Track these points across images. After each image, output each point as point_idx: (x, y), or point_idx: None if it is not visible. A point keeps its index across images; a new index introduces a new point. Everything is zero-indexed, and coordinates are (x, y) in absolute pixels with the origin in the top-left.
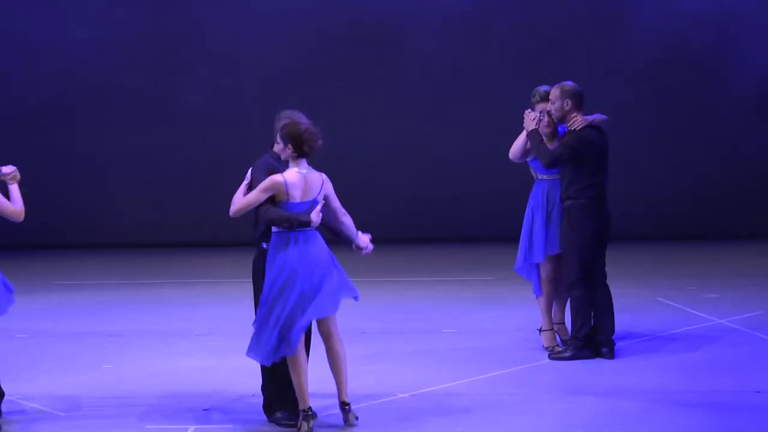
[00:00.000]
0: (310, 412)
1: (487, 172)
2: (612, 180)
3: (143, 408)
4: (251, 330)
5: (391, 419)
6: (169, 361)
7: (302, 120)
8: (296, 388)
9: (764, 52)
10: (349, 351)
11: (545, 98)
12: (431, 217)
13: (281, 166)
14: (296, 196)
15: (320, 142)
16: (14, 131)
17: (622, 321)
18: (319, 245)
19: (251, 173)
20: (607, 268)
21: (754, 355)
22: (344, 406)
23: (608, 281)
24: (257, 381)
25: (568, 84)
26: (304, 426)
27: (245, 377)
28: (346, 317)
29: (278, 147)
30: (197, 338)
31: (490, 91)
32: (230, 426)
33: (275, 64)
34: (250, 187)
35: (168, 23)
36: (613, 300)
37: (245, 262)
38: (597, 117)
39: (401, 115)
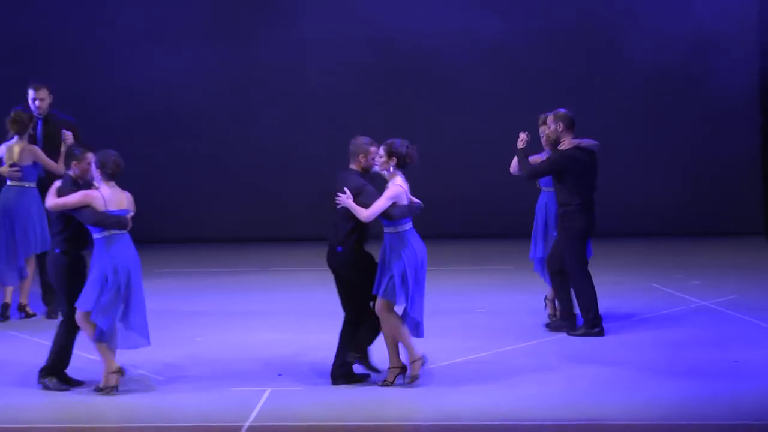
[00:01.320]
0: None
1: (507, 181)
2: (611, 186)
3: (229, 373)
4: (320, 310)
5: (437, 381)
6: (250, 335)
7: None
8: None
9: (733, 69)
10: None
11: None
12: (458, 215)
13: (366, 179)
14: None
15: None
16: (126, 144)
17: (622, 303)
18: None
19: (357, 188)
20: (610, 260)
21: (731, 331)
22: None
23: (611, 271)
24: (322, 353)
25: (561, 111)
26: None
27: (313, 349)
28: None
29: (380, 160)
30: (273, 316)
31: (508, 109)
32: (300, 388)
33: (327, 91)
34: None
35: (242, 58)
36: (615, 285)
37: (310, 255)
38: (586, 141)
39: (438, 130)
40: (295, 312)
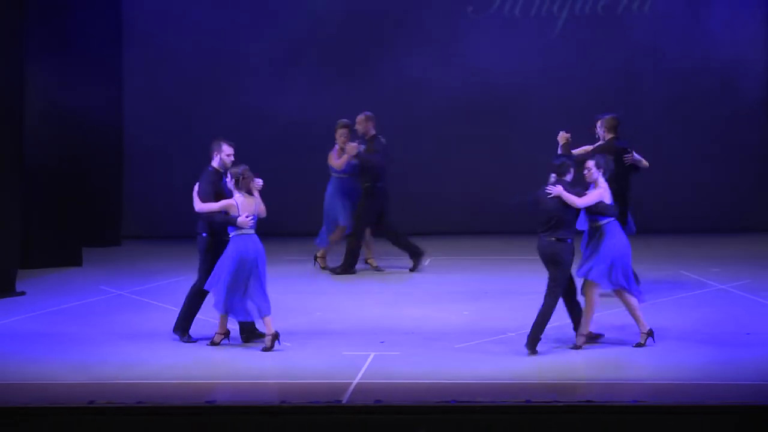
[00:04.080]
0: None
1: None
2: (651, 191)
3: (340, 340)
4: (412, 290)
5: (503, 349)
6: (357, 309)
7: None
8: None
9: (746, 85)
10: (472, 305)
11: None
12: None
13: None
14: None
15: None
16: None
17: (657, 285)
18: None
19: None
20: (648, 252)
21: (744, 309)
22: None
23: (647, 260)
24: (416, 323)
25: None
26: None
27: (408, 321)
28: (470, 283)
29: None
30: (376, 295)
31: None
32: (397, 353)
33: (429, 117)
34: None
35: (362, 90)
36: (653, 272)
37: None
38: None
39: (514, 152)
40: (393, 291)
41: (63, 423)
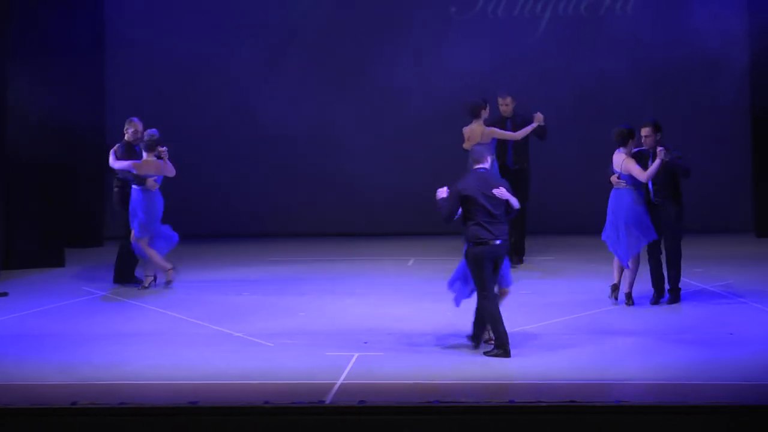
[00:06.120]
0: None
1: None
2: None
3: (324, 340)
4: (397, 291)
5: (486, 348)
6: (340, 309)
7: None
8: None
9: (726, 85)
10: (463, 304)
11: None
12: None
13: None
14: None
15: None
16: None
17: (640, 286)
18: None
19: None
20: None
21: (726, 309)
22: None
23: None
24: (399, 324)
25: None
26: None
27: (391, 321)
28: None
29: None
30: (360, 295)
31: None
32: (381, 353)
33: (418, 117)
34: None
35: (351, 92)
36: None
37: (387, 246)
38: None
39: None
40: (377, 291)
41: (45, 424)
